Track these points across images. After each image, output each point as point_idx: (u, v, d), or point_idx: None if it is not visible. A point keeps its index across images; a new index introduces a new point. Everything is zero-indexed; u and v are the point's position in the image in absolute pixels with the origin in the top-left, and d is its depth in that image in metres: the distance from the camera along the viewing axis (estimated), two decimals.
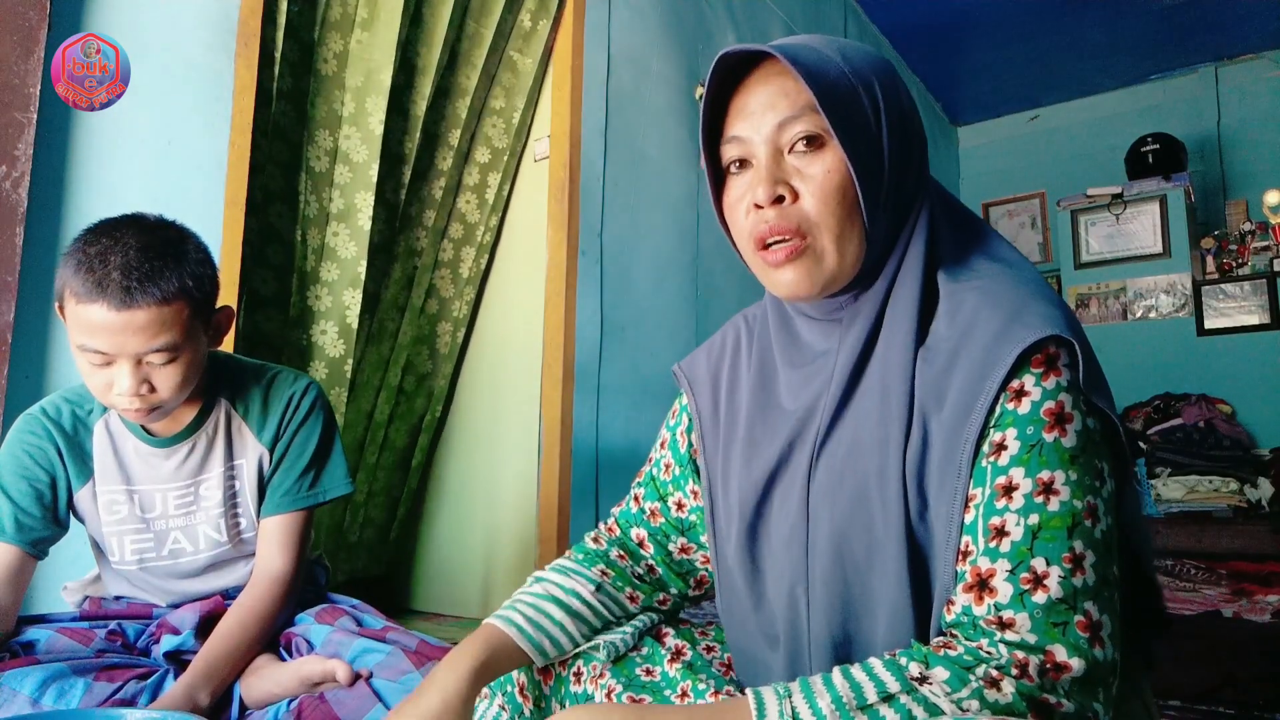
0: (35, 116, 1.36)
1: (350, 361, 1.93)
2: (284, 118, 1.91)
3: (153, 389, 1.02)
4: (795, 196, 0.71)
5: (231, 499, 1.19)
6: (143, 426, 1.12)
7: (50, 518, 1.10)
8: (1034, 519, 0.62)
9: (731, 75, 0.74)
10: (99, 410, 1.14)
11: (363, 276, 1.94)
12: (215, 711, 1.03)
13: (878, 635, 0.70)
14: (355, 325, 1.93)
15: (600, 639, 0.84)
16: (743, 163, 0.74)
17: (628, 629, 0.86)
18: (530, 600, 0.83)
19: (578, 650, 0.84)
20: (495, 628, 0.80)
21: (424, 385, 2.48)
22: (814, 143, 0.70)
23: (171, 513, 1.16)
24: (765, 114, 0.71)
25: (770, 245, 0.72)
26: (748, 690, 0.61)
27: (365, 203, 1.95)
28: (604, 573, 0.87)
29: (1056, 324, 0.64)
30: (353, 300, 1.93)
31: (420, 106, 2.16)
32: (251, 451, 1.19)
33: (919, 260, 0.72)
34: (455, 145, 2.34)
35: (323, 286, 1.94)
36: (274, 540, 1.18)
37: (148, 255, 0.98)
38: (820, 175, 0.70)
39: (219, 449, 1.17)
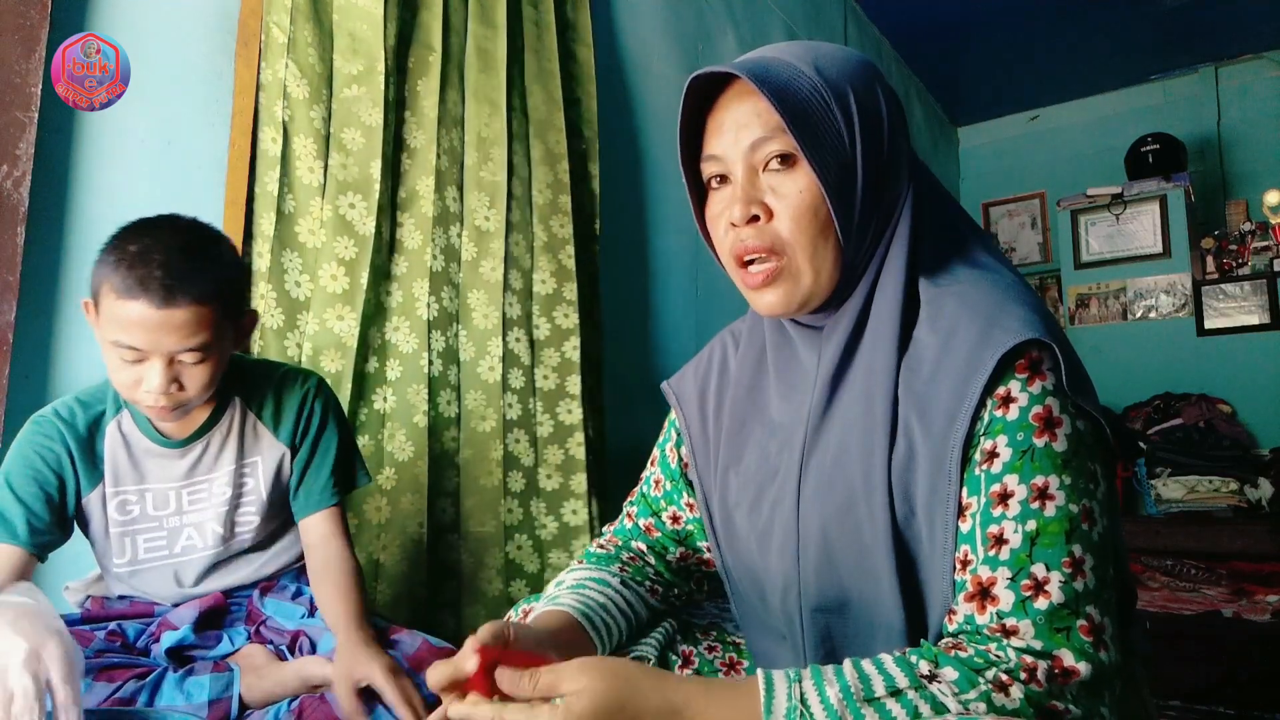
0: (36, 116, 1.35)
1: (426, 356, 1.89)
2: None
3: (181, 387, 1.03)
4: (770, 215, 0.72)
5: (238, 496, 1.19)
6: (155, 428, 1.13)
7: (57, 521, 1.10)
8: (1031, 525, 0.62)
9: (707, 91, 0.75)
10: (111, 412, 1.14)
11: (428, 266, 1.90)
12: (216, 713, 1.03)
13: (869, 639, 0.70)
14: (425, 319, 1.89)
15: (630, 650, 0.84)
16: (722, 178, 0.75)
17: (651, 641, 0.86)
18: (588, 597, 0.81)
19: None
20: (565, 613, 0.78)
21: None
22: (787, 161, 0.71)
23: (185, 509, 1.17)
24: (739, 133, 0.72)
25: (749, 264, 0.73)
26: (759, 671, 0.61)
27: (426, 188, 1.91)
28: (624, 583, 0.86)
29: (1034, 327, 0.65)
30: (421, 292, 1.89)
31: (500, 94, 2.07)
32: (269, 450, 1.21)
33: (900, 267, 0.72)
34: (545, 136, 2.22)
35: (393, 281, 1.89)
36: (325, 532, 1.21)
37: (187, 255, 1.00)
38: (793, 194, 0.71)
39: (231, 447, 1.19)
